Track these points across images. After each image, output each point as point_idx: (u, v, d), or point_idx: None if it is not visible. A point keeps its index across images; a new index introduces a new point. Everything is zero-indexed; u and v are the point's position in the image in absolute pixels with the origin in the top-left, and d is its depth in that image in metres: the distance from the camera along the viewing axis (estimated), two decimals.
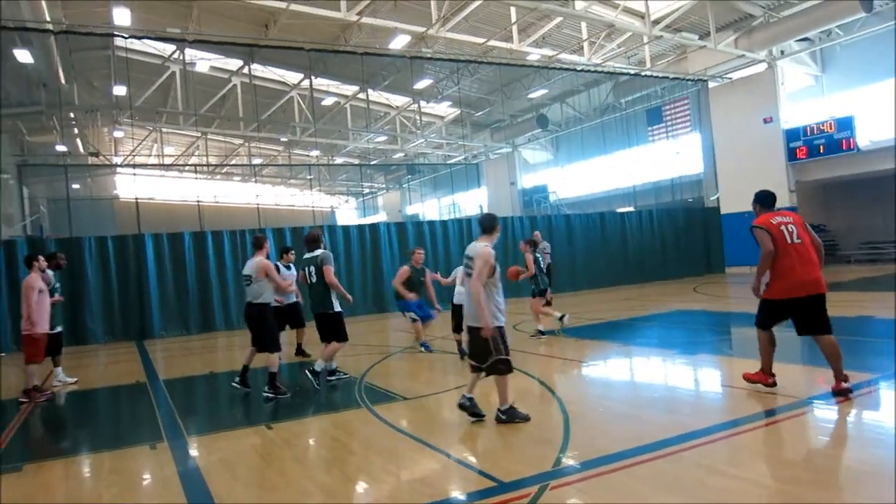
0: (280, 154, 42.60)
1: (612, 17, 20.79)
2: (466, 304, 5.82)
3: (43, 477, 5.24)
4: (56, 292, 9.58)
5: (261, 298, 7.73)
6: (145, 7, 21.31)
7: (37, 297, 8.43)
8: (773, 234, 5.88)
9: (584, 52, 23.77)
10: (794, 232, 5.92)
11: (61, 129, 29.51)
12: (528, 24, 22.70)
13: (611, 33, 22.71)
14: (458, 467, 4.94)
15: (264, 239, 8.05)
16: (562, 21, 22.01)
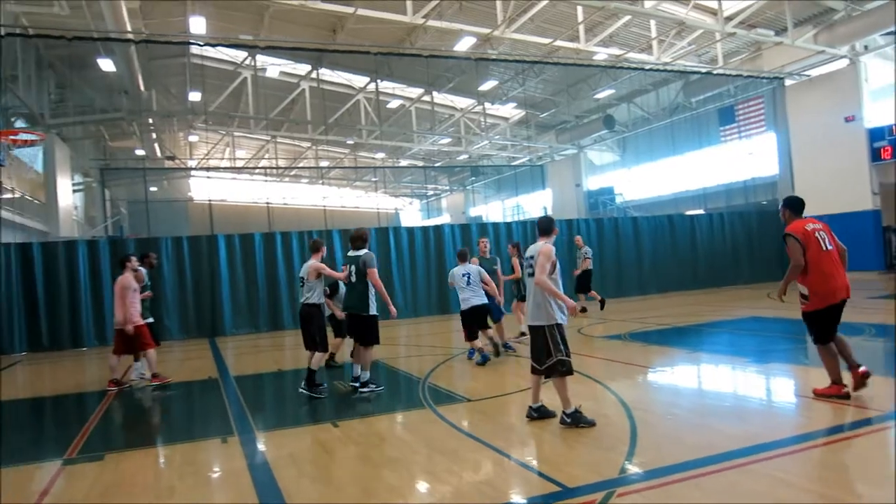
0: (346, 156, 43.35)
1: (683, 15, 20.27)
2: (533, 303, 5.86)
3: (123, 466, 5.47)
4: (146, 289, 10.10)
5: (312, 298, 7.89)
6: (219, 16, 22.05)
7: (130, 295, 8.83)
8: (810, 241, 6.00)
9: (652, 51, 23.28)
10: (826, 239, 6.08)
11: (140, 135, 30.90)
12: (595, 23, 22.38)
13: (681, 31, 22.17)
14: (521, 470, 4.90)
15: (321, 243, 8.24)
16: (630, 19, 21.61)
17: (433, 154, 41.39)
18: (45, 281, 15.17)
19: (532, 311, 5.86)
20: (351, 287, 7.76)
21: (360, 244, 7.83)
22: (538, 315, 5.80)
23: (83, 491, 4.82)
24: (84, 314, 15.37)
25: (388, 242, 17.88)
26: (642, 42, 23.73)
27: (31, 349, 14.84)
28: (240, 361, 11.86)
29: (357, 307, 7.70)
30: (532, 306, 5.85)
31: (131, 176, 32.41)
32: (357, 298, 7.68)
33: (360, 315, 7.71)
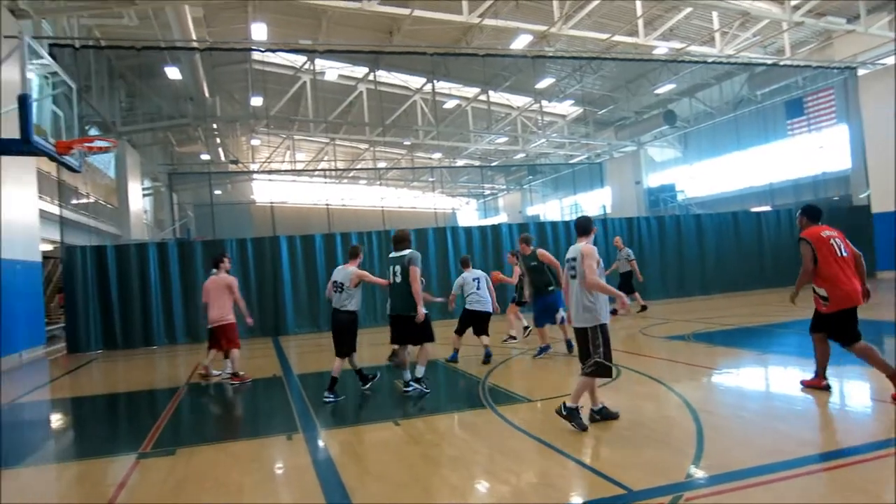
0: (403, 157, 43.70)
1: (748, 5, 19.65)
2: (576, 305, 5.83)
3: (194, 461, 5.65)
4: None
5: (351, 305, 7.88)
6: (279, 21, 22.54)
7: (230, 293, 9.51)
8: (824, 248, 6.32)
9: (715, 43, 22.67)
10: (842, 246, 6.38)
11: (205, 140, 31.89)
12: (655, 16, 21.93)
13: (745, 22, 21.51)
14: (583, 472, 4.84)
15: (360, 249, 8.31)
16: (691, 12, 21.09)
17: (490, 153, 41.32)
18: (119, 282, 15.83)
19: (577, 314, 5.82)
20: (396, 288, 7.67)
21: (404, 245, 7.82)
22: (583, 317, 5.76)
23: (157, 485, 5.00)
24: (154, 314, 15.97)
25: (445, 242, 17.94)
26: (704, 34, 23.14)
27: (106, 347, 15.52)
28: (302, 360, 12.11)
29: (405, 308, 7.59)
30: (577, 308, 5.80)
31: (197, 180, 33.49)
32: (404, 299, 7.58)
33: (409, 316, 7.58)
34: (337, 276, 7.99)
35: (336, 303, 7.92)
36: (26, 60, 7.59)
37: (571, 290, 5.92)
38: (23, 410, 9.22)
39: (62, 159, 8.25)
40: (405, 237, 7.90)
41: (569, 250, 6.05)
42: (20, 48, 7.57)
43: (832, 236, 6.40)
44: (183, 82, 23.88)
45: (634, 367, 8.71)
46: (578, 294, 5.79)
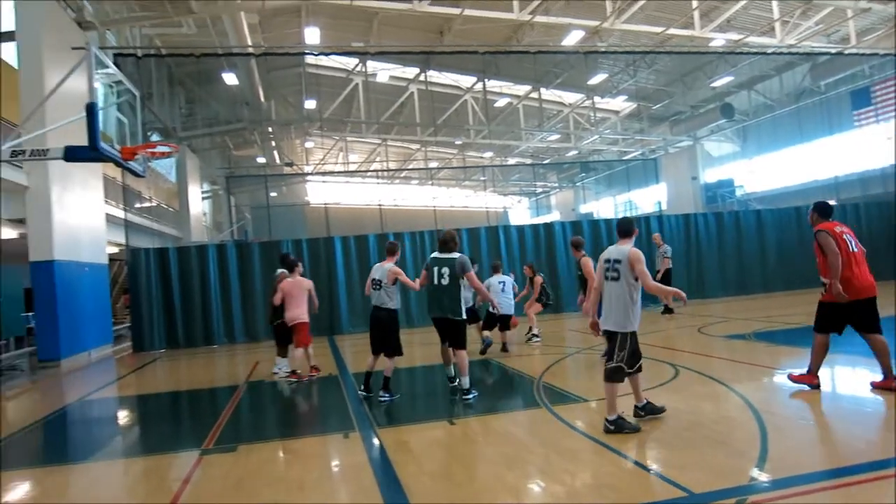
0: (455, 157, 43.79)
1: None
2: (612, 308, 5.74)
3: (254, 458, 5.77)
4: None
5: (391, 303, 7.85)
6: (332, 25, 22.86)
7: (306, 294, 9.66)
8: (839, 241, 6.55)
9: (775, 33, 21.95)
10: (853, 241, 6.65)
11: (261, 143, 32.62)
12: (711, 7, 21.39)
13: (807, 10, 20.79)
14: (643, 473, 4.75)
15: (397, 246, 8.28)
16: (749, 2, 20.50)
17: (541, 151, 41.04)
18: (180, 283, 16.33)
19: (614, 317, 5.72)
20: (441, 290, 7.47)
21: (451, 246, 7.61)
22: (620, 322, 5.69)
23: (219, 481, 5.14)
24: (214, 314, 16.41)
25: (498, 241, 17.89)
26: (763, 24, 22.44)
27: (168, 346, 16.03)
28: (357, 359, 12.20)
29: (452, 310, 7.45)
30: (614, 311, 5.71)
31: (253, 182, 34.30)
32: (450, 301, 7.44)
33: (454, 319, 7.48)
34: (375, 273, 7.96)
35: (376, 300, 7.89)
36: (93, 70, 7.89)
37: (607, 292, 5.80)
38: (91, 407, 9.61)
39: (127, 165, 8.56)
40: (453, 238, 7.66)
41: (608, 251, 5.93)
42: (87, 59, 7.86)
43: (844, 231, 6.71)
44: (239, 87, 24.50)
45: (693, 366, 8.51)
46: (618, 297, 5.69)
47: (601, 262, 5.91)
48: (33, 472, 6.10)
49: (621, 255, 5.70)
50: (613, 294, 5.73)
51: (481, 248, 17.61)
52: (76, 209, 15.37)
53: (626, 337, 5.68)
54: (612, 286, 5.75)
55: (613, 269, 5.74)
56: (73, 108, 9.11)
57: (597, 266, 6.05)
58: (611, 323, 5.74)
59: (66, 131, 8.81)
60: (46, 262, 13.98)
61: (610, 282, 5.77)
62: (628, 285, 5.65)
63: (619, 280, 5.68)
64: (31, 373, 13.47)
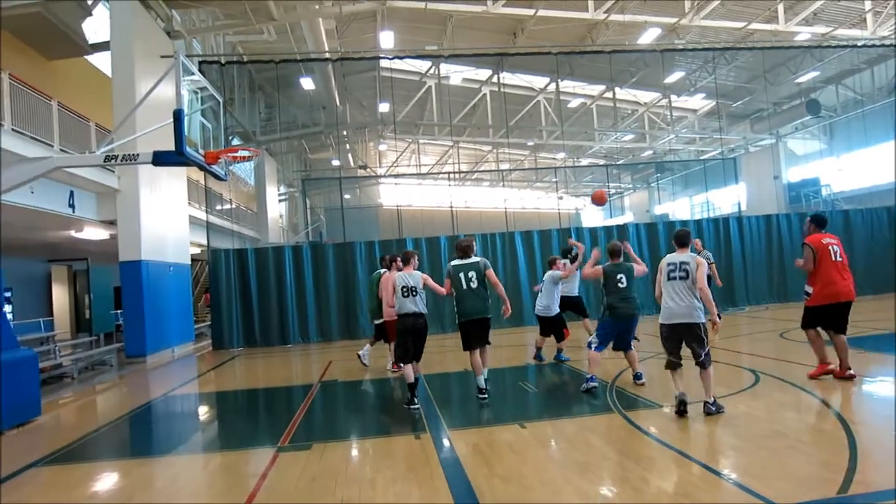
0: (526, 158, 43.52)
1: None
2: (681, 306, 6.45)
3: (327, 456, 5.89)
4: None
5: (425, 310, 8.01)
6: (406, 29, 23.13)
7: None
8: (823, 252, 7.70)
9: (866, 25, 20.83)
10: (838, 252, 7.79)
11: (336, 146, 33.31)
12: (797, 0, 20.47)
13: None
14: (723, 483, 4.57)
15: (414, 254, 8.47)
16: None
17: (615, 151, 40.29)
18: (258, 283, 16.84)
19: (685, 311, 6.43)
20: (473, 293, 7.86)
21: (469, 252, 8.04)
22: (695, 314, 6.43)
23: (294, 477, 5.26)
24: (290, 314, 16.85)
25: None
26: (853, 16, 21.35)
27: (246, 345, 16.56)
28: (426, 360, 12.23)
29: (487, 310, 7.95)
30: (685, 306, 6.42)
31: (328, 185, 35.05)
32: (484, 301, 7.91)
33: (487, 318, 7.98)
34: (408, 280, 8.01)
35: (411, 307, 7.96)
36: (180, 78, 8.23)
37: (675, 289, 6.49)
38: (174, 403, 10.03)
39: (210, 169, 8.88)
40: (471, 244, 8.16)
41: (672, 256, 6.66)
42: (175, 66, 8.21)
43: (832, 243, 7.80)
44: (316, 92, 25.09)
45: (775, 372, 8.18)
46: (688, 294, 6.43)
47: (665, 267, 6.62)
48: (121, 464, 6.44)
49: (691, 259, 6.52)
50: (684, 291, 6.46)
51: (554, 250, 17.41)
52: (162, 211, 16.10)
53: (702, 326, 6.45)
54: (676, 284, 6.49)
55: (683, 270, 6.49)
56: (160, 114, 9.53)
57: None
58: (687, 315, 6.45)
59: (153, 136, 9.24)
60: (134, 261, 14.70)
61: (680, 280, 6.48)
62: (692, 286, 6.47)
63: (688, 279, 6.44)
64: (119, 368, 14.18)
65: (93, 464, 6.44)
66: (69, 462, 6.42)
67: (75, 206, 14.27)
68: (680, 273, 6.47)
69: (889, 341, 10.70)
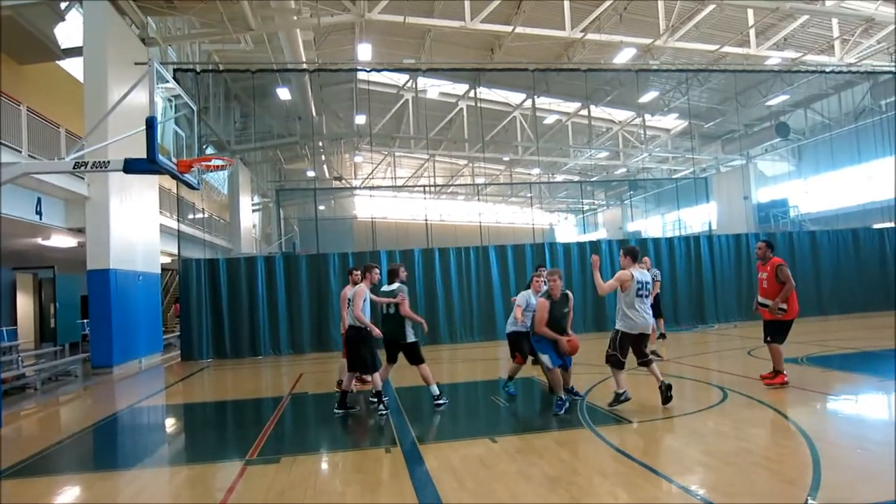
0: (502, 173, 43.79)
1: (872, 10, 18.47)
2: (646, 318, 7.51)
3: (296, 469, 5.81)
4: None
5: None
6: (384, 42, 23.21)
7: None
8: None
9: (834, 52, 21.41)
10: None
11: (311, 157, 33.20)
12: (768, 25, 21.01)
13: (869, 28, 20.22)
14: (691, 500, 4.60)
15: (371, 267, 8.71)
16: (808, 20, 20.07)
17: (589, 168, 40.73)
18: (229, 294, 16.64)
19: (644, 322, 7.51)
20: (390, 318, 8.32)
21: (394, 278, 8.48)
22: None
23: (263, 491, 5.18)
24: (261, 325, 16.65)
25: (543, 258, 17.75)
26: (822, 43, 21.95)
27: (216, 356, 16.33)
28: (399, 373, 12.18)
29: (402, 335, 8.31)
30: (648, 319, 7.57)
31: (302, 196, 34.89)
32: (399, 327, 8.27)
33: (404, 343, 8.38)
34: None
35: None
36: (154, 85, 8.14)
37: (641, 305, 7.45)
38: (141, 414, 9.84)
39: (183, 177, 8.78)
40: (396, 270, 8.62)
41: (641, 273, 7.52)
42: (150, 74, 8.13)
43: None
44: (292, 102, 25.02)
45: (742, 390, 8.28)
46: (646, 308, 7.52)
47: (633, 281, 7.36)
48: (84, 478, 6.27)
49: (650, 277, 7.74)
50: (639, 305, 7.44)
51: (527, 265, 17.50)
52: (132, 219, 15.86)
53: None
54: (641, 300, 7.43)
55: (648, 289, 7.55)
56: (133, 121, 9.43)
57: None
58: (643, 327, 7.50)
59: (125, 144, 9.12)
60: (103, 270, 14.43)
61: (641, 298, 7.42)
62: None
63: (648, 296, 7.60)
64: (85, 378, 13.87)
65: (55, 477, 6.27)
66: (30, 475, 6.24)
67: (42, 213, 13.99)
68: (644, 291, 7.45)
69: (855, 360, 10.92)
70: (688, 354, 12.46)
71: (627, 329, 7.42)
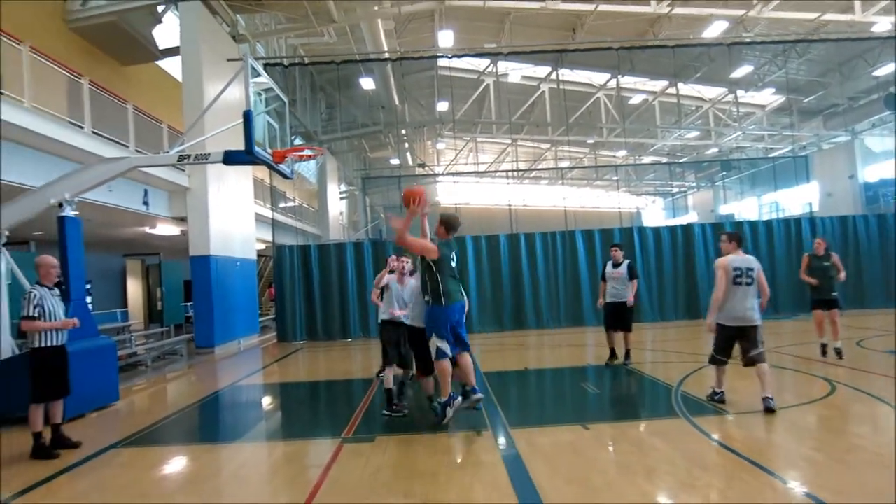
0: (586, 156, 42.97)
1: None
2: (744, 306, 6.74)
3: (391, 449, 5.97)
4: None
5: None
6: (464, 27, 23.14)
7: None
8: None
9: None
10: None
11: (395, 145, 33.62)
12: None
13: None
14: (799, 497, 4.41)
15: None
16: None
17: (678, 149, 39.39)
18: (320, 278, 17.18)
19: (752, 312, 6.77)
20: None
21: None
22: (756, 316, 6.82)
23: (359, 468, 5.34)
24: (351, 308, 17.12)
25: (632, 242, 17.34)
26: None
27: (309, 338, 16.92)
28: (487, 358, 12.29)
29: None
30: (751, 308, 6.77)
31: (387, 183, 35.35)
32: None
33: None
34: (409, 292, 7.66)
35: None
36: (249, 80, 8.45)
37: (739, 294, 6.73)
38: (241, 392, 10.33)
39: (277, 167, 9.10)
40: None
41: (741, 260, 6.84)
42: (244, 69, 8.44)
43: None
44: (375, 91, 25.39)
45: (851, 383, 7.84)
46: (751, 297, 6.75)
47: (731, 270, 6.75)
48: (191, 449, 6.71)
49: (755, 265, 6.86)
50: (749, 295, 6.76)
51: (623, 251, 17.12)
52: (229, 208, 16.58)
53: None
54: (742, 290, 6.75)
55: (749, 276, 6.77)
56: (227, 116, 9.83)
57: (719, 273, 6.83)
58: (753, 318, 6.75)
59: (220, 136, 9.53)
60: (204, 256, 15.18)
61: (747, 286, 6.75)
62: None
63: (752, 284, 6.79)
64: (189, 358, 14.70)
65: (166, 447, 6.73)
66: (144, 445, 6.71)
67: (149, 204, 14.84)
68: (746, 279, 6.74)
69: None
70: (787, 344, 11.89)
71: (724, 321, 6.85)
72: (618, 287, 9.88)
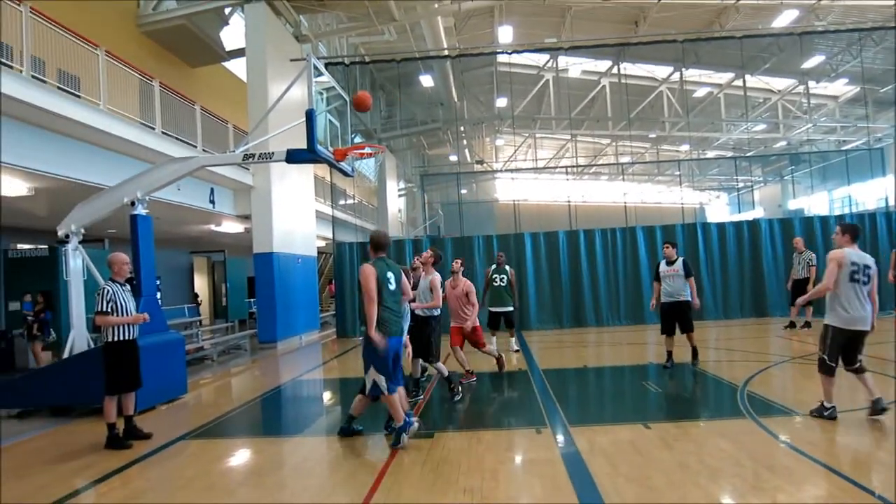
0: (647, 151, 42.13)
1: None
2: (865, 309, 6.06)
3: (450, 445, 6.00)
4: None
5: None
6: (524, 23, 22.99)
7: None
8: None
9: None
10: None
11: (453, 142, 33.71)
12: None
13: None
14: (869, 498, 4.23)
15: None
16: None
17: (744, 143, 38.18)
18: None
19: (869, 316, 6.10)
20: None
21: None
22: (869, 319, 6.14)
23: (419, 464, 5.40)
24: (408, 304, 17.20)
25: (695, 239, 16.92)
26: None
27: None
28: (545, 355, 12.20)
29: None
30: (868, 312, 6.11)
31: (445, 180, 35.47)
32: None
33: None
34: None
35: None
36: (312, 79, 8.61)
37: (855, 293, 6.05)
38: (302, 387, 10.56)
39: (338, 165, 9.24)
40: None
41: (859, 256, 6.15)
42: (307, 69, 8.60)
43: None
44: (434, 89, 25.51)
45: None
46: (865, 297, 6.06)
47: (848, 263, 6.05)
48: (256, 441, 6.91)
49: (871, 262, 6.17)
50: (864, 295, 6.07)
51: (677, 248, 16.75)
52: (291, 206, 16.95)
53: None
54: (857, 288, 6.06)
55: (866, 274, 6.10)
56: (289, 115, 10.04)
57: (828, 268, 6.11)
58: (868, 323, 6.09)
59: (283, 135, 9.76)
60: (267, 253, 15.57)
61: (863, 285, 6.07)
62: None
63: (868, 283, 6.11)
64: (253, 352, 15.11)
65: (231, 440, 6.94)
66: (211, 437, 6.94)
67: (215, 202, 15.32)
68: (864, 277, 6.08)
69: None
70: (873, 342, 11.37)
71: (838, 323, 6.05)
72: (674, 285, 9.61)
